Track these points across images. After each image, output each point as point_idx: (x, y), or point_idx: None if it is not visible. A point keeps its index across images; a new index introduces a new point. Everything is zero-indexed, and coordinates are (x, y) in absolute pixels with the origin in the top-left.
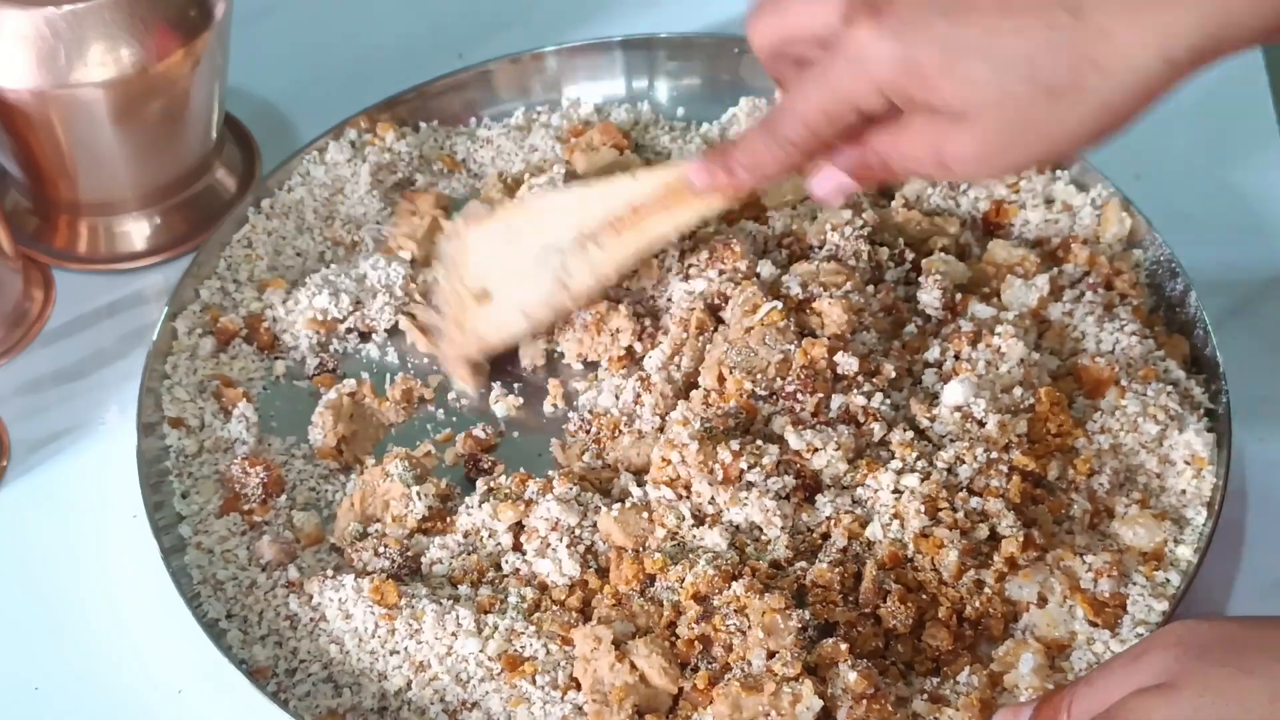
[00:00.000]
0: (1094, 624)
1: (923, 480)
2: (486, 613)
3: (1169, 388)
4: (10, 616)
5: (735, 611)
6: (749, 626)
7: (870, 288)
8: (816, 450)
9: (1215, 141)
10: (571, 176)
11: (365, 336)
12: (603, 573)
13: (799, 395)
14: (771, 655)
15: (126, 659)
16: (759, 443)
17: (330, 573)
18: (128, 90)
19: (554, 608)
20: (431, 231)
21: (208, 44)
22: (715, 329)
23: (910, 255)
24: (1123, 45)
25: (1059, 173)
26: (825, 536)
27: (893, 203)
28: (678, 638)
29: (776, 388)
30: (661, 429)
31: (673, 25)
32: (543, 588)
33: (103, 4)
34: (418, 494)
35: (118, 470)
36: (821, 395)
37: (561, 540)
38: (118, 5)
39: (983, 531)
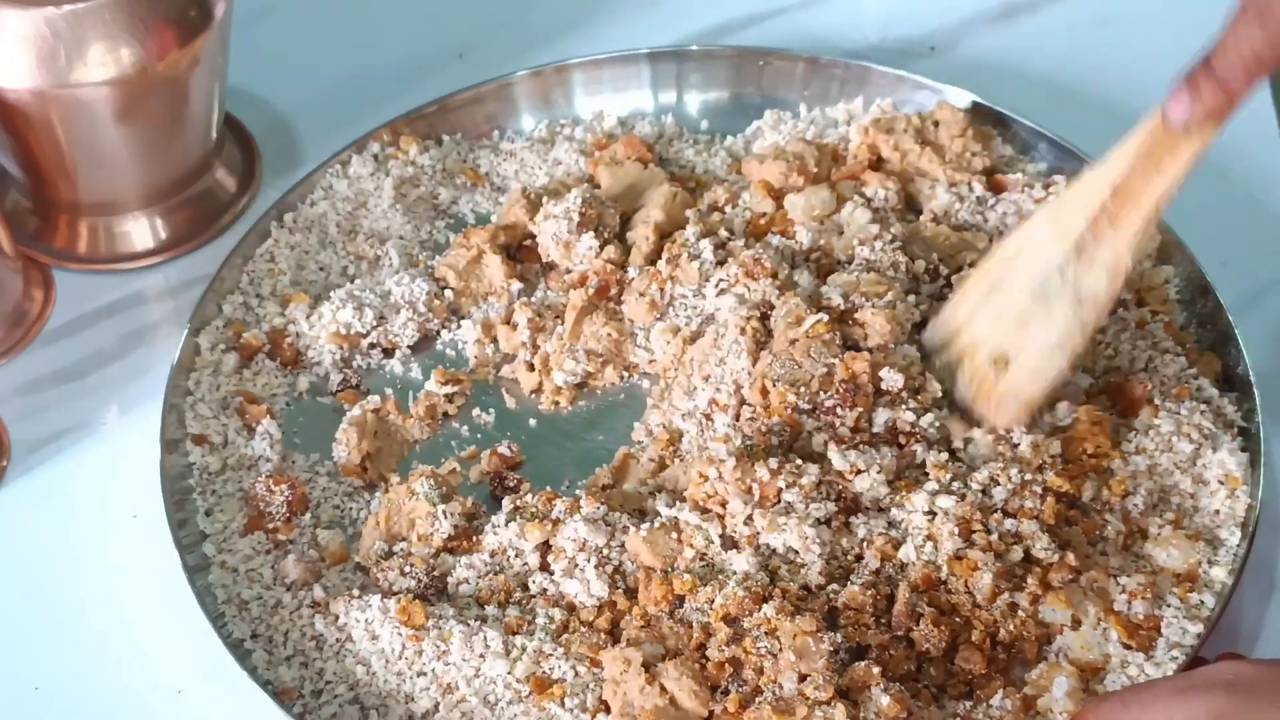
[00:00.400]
0: (1128, 646)
1: (957, 502)
2: (514, 634)
3: (1203, 406)
4: (10, 616)
5: (766, 634)
6: (780, 649)
7: (911, 298)
8: (860, 472)
9: (1215, 140)
10: (595, 199)
11: (389, 352)
12: (631, 593)
13: (839, 410)
14: (803, 678)
15: (127, 659)
16: (799, 462)
17: (356, 593)
18: (128, 90)
19: (582, 629)
20: (474, 263)
21: (208, 44)
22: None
23: (944, 270)
24: None
25: None
26: (858, 558)
27: (921, 217)
28: (708, 660)
29: (819, 402)
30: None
31: (672, 26)
32: (570, 608)
33: (103, 4)
34: (443, 513)
35: (118, 470)
36: (862, 410)
37: (589, 560)
38: (118, 5)
39: (1017, 553)
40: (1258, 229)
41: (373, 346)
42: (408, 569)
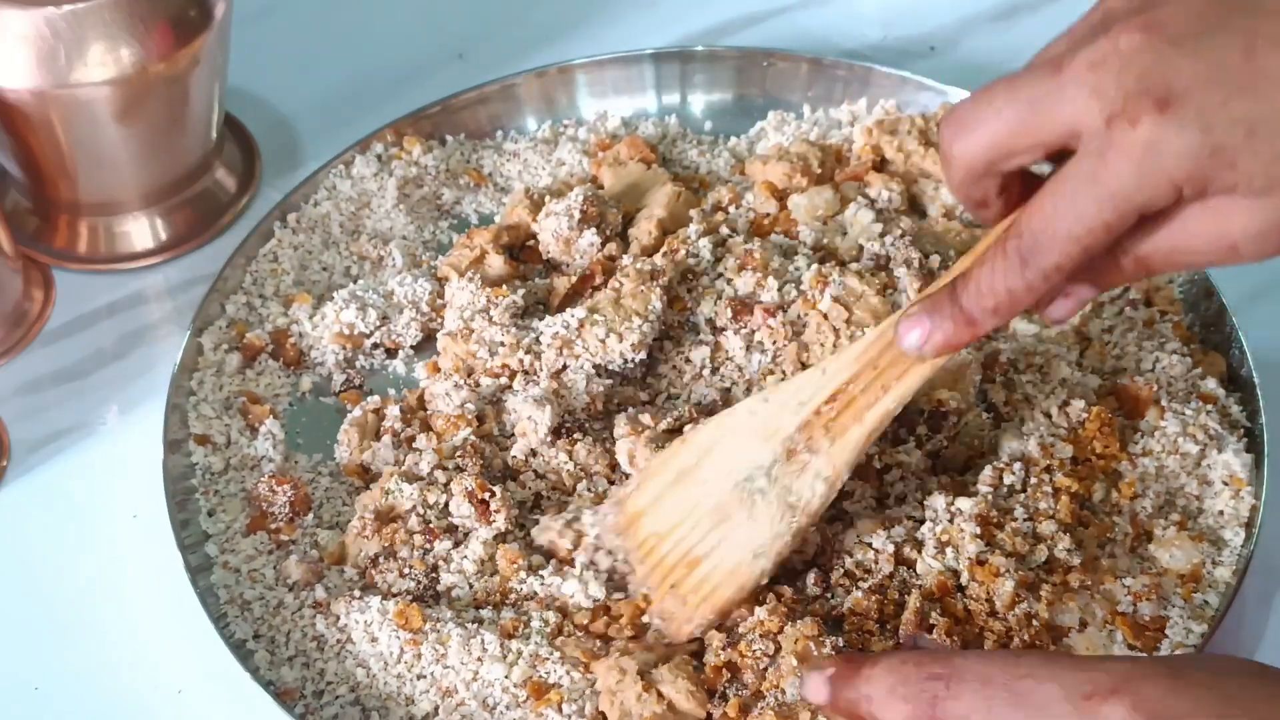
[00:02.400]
0: (1133, 647)
1: (976, 502)
2: (510, 637)
3: (1208, 407)
4: (10, 616)
5: (761, 637)
6: (774, 651)
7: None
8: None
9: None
10: (597, 197)
11: (391, 353)
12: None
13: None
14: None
15: (127, 659)
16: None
17: (357, 594)
18: (128, 90)
19: (577, 633)
20: (476, 263)
21: (208, 44)
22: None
23: None
24: None
25: None
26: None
27: (930, 212)
28: (703, 665)
29: None
30: None
31: (671, 26)
32: (563, 611)
33: (103, 4)
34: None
35: (118, 470)
36: None
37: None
38: (118, 5)
39: (1041, 554)
40: None
41: (376, 347)
42: (407, 570)
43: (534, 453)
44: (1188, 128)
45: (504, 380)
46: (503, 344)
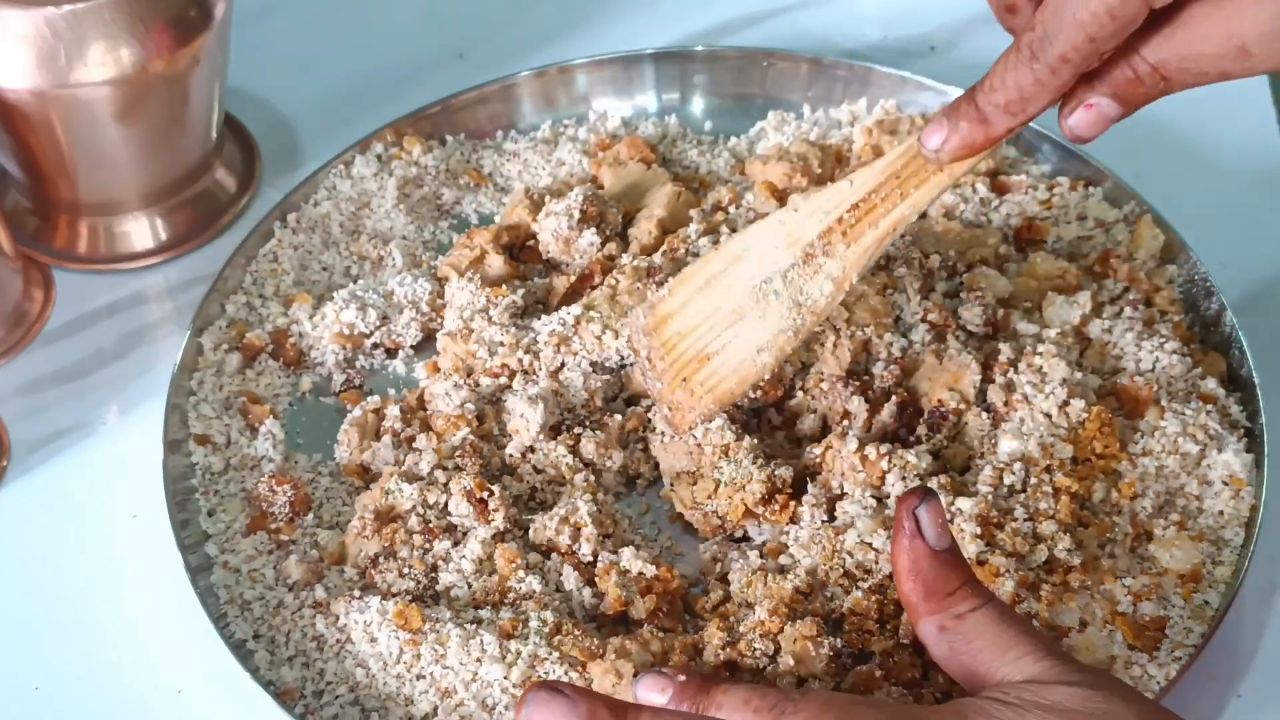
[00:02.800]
0: (1133, 647)
1: (976, 502)
2: (509, 638)
3: (1208, 407)
4: (10, 616)
5: (760, 637)
6: (774, 650)
7: (919, 299)
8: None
9: (1215, 140)
10: (597, 197)
11: (392, 353)
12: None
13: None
14: (803, 682)
15: (127, 659)
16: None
17: (357, 594)
18: (128, 90)
19: (575, 632)
20: (476, 262)
21: (208, 44)
22: None
23: (961, 267)
24: None
25: (1092, 189)
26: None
27: (930, 212)
28: (703, 663)
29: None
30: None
31: (671, 26)
32: (564, 606)
33: (103, 4)
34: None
35: (118, 470)
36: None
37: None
38: (118, 5)
39: (1041, 554)
40: (1258, 229)
41: (376, 347)
42: (406, 570)
43: (530, 449)
44: None
45: (503, 380)
46: (502, 344)
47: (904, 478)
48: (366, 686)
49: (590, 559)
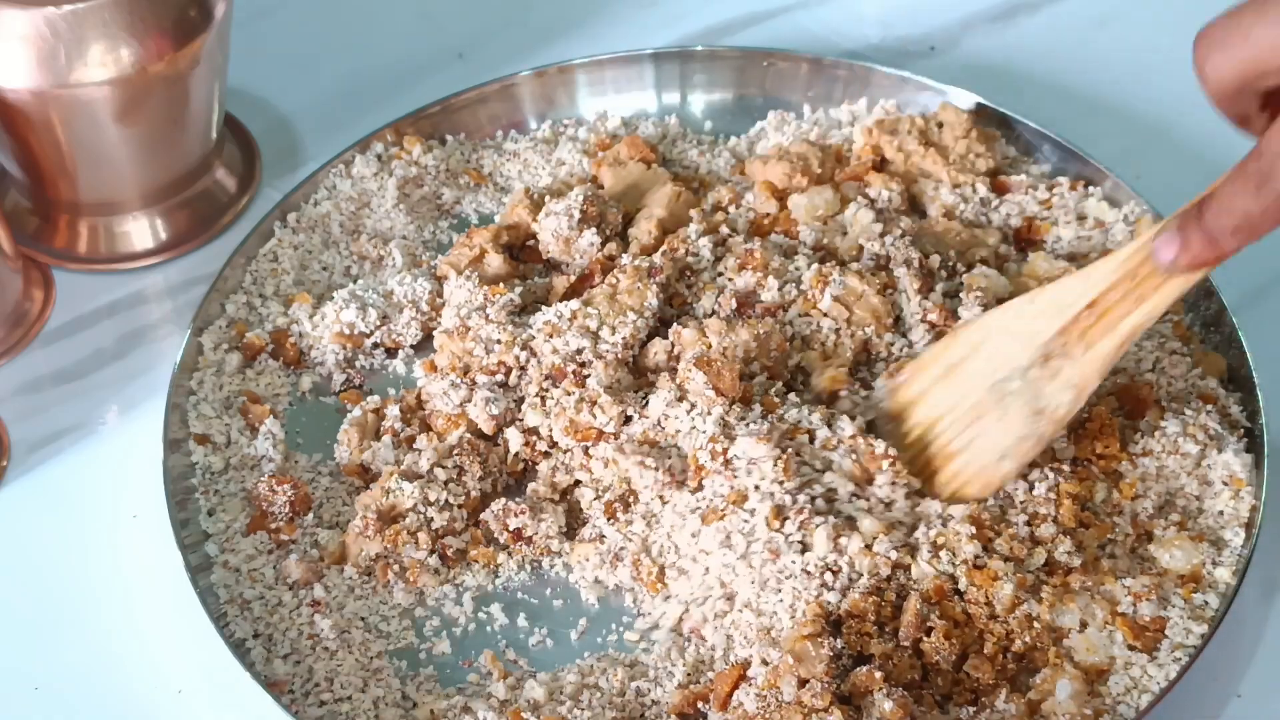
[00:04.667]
0: (1133, 648)
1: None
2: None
3: (1208, 407)
4: (10, 616)
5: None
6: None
7: (919, 299)
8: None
9: (1215, 140)
10: (597, 197)
11: (391, 352)
12: None
13: None
14: (803, 683)
15: (127, 659)
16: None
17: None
18: (128, 90)
19: None
20: (476, 261)
21: (208, 44)
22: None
23: (961, 267)
24: None
25: (1091, 189)
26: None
27: (930, 212)
28: None
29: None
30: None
31: (672, 26)
32: None
33: (103, 4)
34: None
35: (118, 470)
36: None
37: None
38: (118, 5)
39: (1039, 557)
40: None
41: (376, 346)
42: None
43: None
44: None
45: (500, 378)
46: (499, 341)
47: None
48: None
49: None
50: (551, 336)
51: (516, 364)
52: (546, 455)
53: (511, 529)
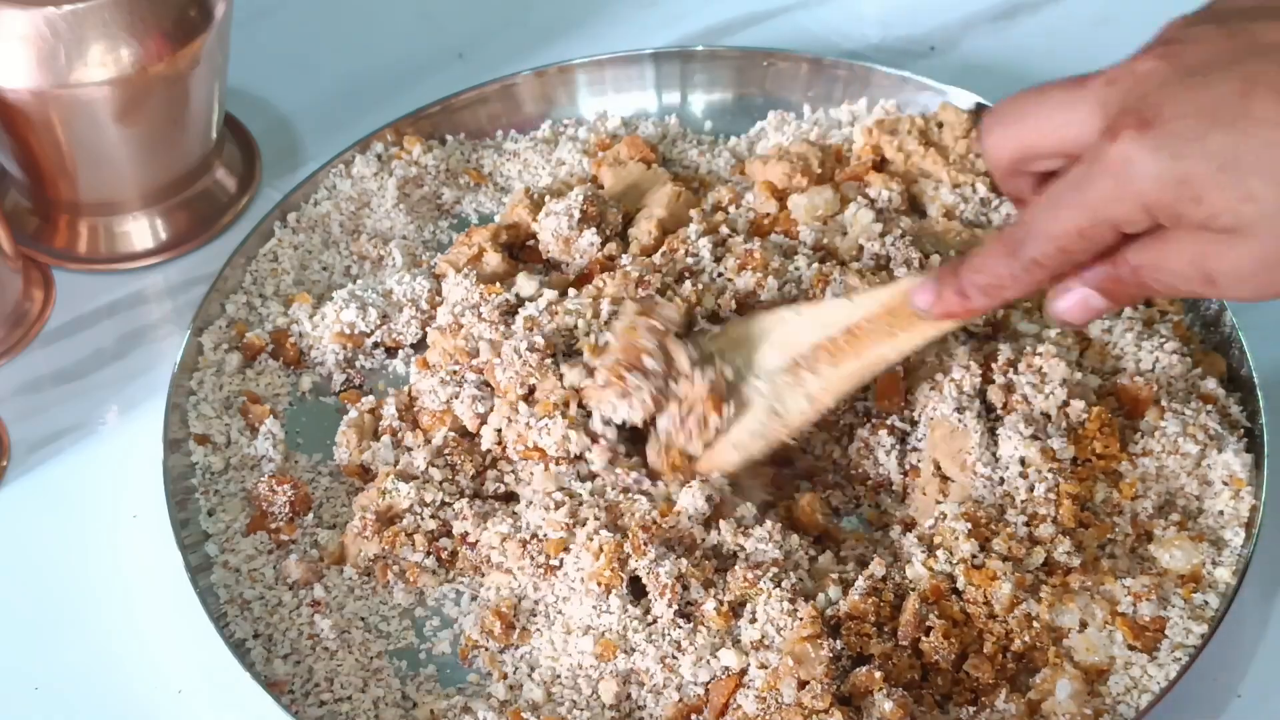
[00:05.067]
0: (1133, 648)
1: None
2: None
3: (1208, 407)
4: (10, 616)
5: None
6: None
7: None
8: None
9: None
10: (597, 197)
11: (392, 352)
12: None
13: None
14: (803, 685)
15: (126, 659)
16: None
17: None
18: (128, 90)
19: None
20: (475, 260)
21: (208, 44)
22: None
23: None
24: None
25: None
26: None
27: (930, 212)
28: None
29: None
30: None
31: (671, 26)
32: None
33: (103, 4)
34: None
35: (118, 470)
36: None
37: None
38: (118, 5)
39: (1039, 556)
40: None
41: (376, 346)
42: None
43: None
44: (1160, 151)
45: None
46: (490, 340)
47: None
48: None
49: None
50: (532, 328)
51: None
52: (508, 459)
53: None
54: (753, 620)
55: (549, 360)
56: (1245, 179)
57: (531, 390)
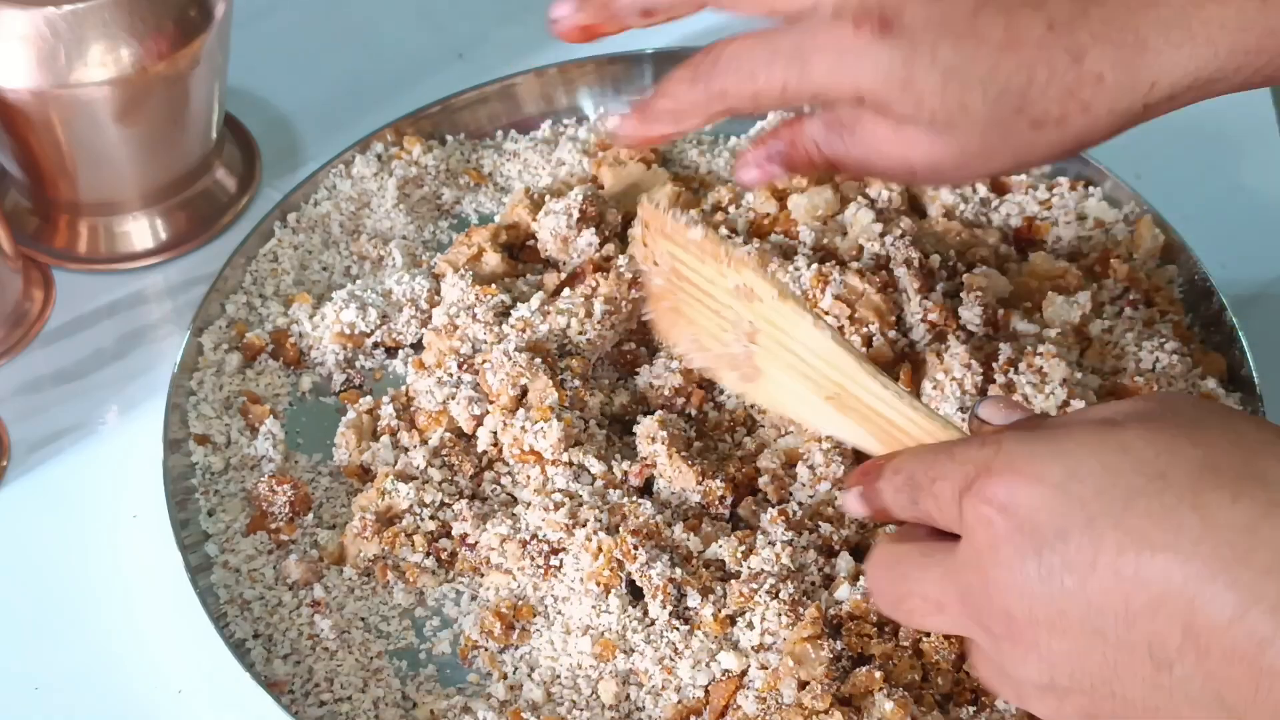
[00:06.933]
0: None
1: None
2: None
3: None
4: (10, 616)
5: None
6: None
7: (919, 299)
8: None
9: (1215, 140)
10: (597, 197)
11: (392, 352)
12: None
13: None
14: (803, 686)
15: (126, 659)
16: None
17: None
18: (128, 90)
19: None
20: (474, 259)
21: (208, 44)
22: None
23: (962, 267)
24: (1110, 89)
25: (1091, 189)
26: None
27: (930, 212)
28: None
29: None
30: None
31: (671, 26)
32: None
33: (103, 4)
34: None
35: (118, 470)
36: None
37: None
38: (118, 5)
39: None
40: (1258, 229)
41: (376, 345)
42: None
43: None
44: (895, 52)
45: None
46: (485, 340)
47: None
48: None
49: None
50: (525, 330)
51: None
52: (504, 461)
53: (456, 534)
54: (750, 627)
55: (539, 362)
56: (966, 92)
57: (524, 392)
